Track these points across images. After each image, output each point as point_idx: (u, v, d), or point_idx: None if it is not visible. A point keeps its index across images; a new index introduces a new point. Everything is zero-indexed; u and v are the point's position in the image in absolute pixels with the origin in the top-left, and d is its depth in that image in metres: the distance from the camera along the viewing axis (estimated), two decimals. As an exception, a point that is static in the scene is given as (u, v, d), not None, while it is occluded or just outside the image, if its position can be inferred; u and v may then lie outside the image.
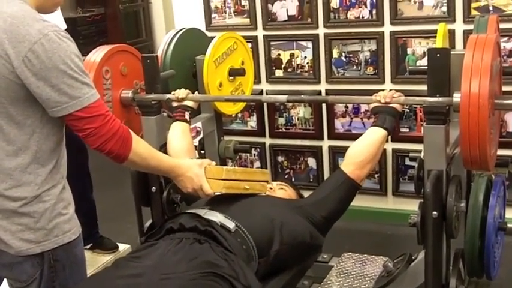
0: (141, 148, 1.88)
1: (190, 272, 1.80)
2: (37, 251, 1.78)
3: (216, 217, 2.08)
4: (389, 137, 3.46)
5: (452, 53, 2.14)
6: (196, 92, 2.87)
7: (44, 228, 1.78)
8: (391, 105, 2.34)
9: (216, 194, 2.18)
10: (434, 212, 2.08)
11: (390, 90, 2.39)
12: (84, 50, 2.90)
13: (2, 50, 1.65)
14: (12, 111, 1.71)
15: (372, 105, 2.39)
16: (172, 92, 2.69)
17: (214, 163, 2.23)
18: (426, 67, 2.15)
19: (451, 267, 2.29)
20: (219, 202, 2.20)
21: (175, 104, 2.68)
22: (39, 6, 1.80)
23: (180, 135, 2.58)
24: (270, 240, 2.11)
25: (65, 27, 3.08)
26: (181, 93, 2.67)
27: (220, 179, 2.16)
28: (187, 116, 2.65)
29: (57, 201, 1.80)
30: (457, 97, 2.01)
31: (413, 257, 2.41)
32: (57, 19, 2.99)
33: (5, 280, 1.97)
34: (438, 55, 2.11)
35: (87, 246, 3.26)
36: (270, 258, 2.11)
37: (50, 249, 1.80)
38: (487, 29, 2.33)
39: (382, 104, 2.34)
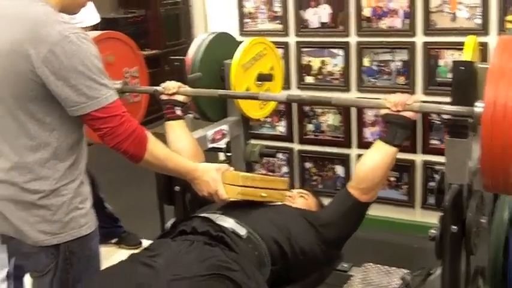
0: (158, 149, 1.90)
1: (201, 273, 1.81)
2: (53, 243, 1.84)
3: (228, 223, 2.08)
4: (419, 148, 3.49)
5: (480, 65, 2.10)
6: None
7: (61, 221, 1.83)
8: (403, 113, 2.10)
9: (231, 200, 2.16)
10: (454, 227, 2.05)
11: (404, 93, 2.17)
12: None
13: (23, 50, 1.70)
14: (33, 108, 1.76)
15: (382, 112, 2.16)
16: (161, 85, 2.53)
17: (232, 168, 2.22)
18: (452, 79, 2.08)
19: (469, 285, 2.25)
20: (233, 208, 2.18)
21: (164, 97, 2.50)
22: (63, 8, 1.85)
23: (179, 137, 2.46)
24: (282, 250, 2.10)
25: (99, 20, 3.12)
26: (171, 86, 2.49)
27: (237, 185, 2.15)
28: (178, 112, 2.48)
29: (74, 195, 1.85)
30: (479, 106, 1.82)
31: (431, 272, 2.38)
32: (88, 13, 3.04)
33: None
34: (462, 68, 2.07)
35: (113, 241, 3.33)
36: (282, 267, 2.10)
37: (65, 242, 1.85)
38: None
39: (394, 112, 2.11)
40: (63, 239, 1.84)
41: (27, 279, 2.41)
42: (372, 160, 2.19)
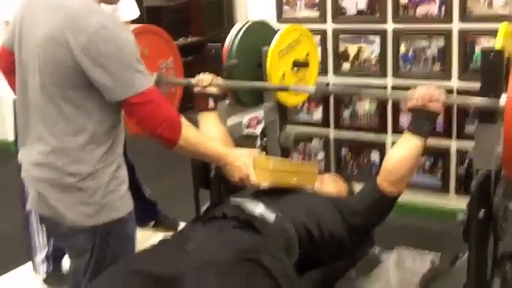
0: (191, 134, 1.96)
1: (230, 257, 1.85)
2: (90, 224, 1.91)
3: (258, 207, 2.12)
4: (454, 134, 3.49)
5: None
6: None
7: (98, 203, 1.90)
8: (430, 105, 2.12)
9: (262, 185, 2.21)
10: (481, 212, 2.08)
11: (431, 86, 2.19)
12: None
13: (64, 39, 1.78)
14: (72, 95, 1.84)
15: (409, 104, 2.18)
16: (196, 77, 2.58)
17: (264, 154, 2.28)
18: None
19: (496, 270, 2.27)
20: (263, 194, 2.23)
21: (198, 89, 2.56)
22: None
23: (211, 128, 2.48)
24: (310, 234, 2.13)
25: (138, 14, 3.22)
26: (205, 79, 2.54)
27: (268, 170, 2.20)
28: (211, 103, 2.53)
29: (111, 178, 1.92)
30: (504, 98, 1.91)
31: (460, 256, 2.41)
32: (129, 6, 3.13)
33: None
34: (492, 55, 2.09)
35: (150, 225, 3.43)
36: (311, 250, 2.14)
37: (102, 223, 1.92)
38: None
39: (420, 105, 2.13)
40: (100, 221, 1.91)
41: (66, 260, 2.51)
42: (400, 152, 2.20)
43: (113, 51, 1.78)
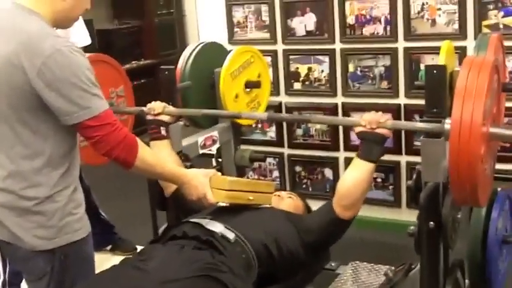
0: (148, 155, 1.99)
1: (190, 275, 1.87)
2: (49, 247, 1.91)
3: (217, 227, 2.14)
4: (404, 149, 3.59)
5: (456, 69, 2.16)
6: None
7: (56, 226, 1.91)
8: (377, 130, 2.19)
9: (219, 203, 2.24)
10: (431, 222, 2.14)
11: (377, 112, 2.27)
12: (120, 61, 3.07)
13: (18, 62, 1.79)
14: (28, 118, 1.85)
15: (357, 129, 2.26)
16: (148, 105, 2.61)
17: (219, 173, 2.32)
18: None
19: (447, 278, 2.34)
20: (221, 213, 2.26)
21: (149, 117, 2.58)
22: (56, 23, 1.94)
23: (163, 156, 2.43)
24: (269, 252, 2.16)
25: (89, 42, 3.24)
26: (156, 107, 2.56)
27: (224, 190, 2.22)
28: (163, 132, 2.55)
29: (68, 201, 1.93)
30: (447, 123, 1.86)
31: (413, 266, 2.48)
32: (81, 33, 3.16)
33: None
34: (435, 71, 2.14)
35: (108, 248, 3.42)
36: (270, 268, 2.17)
37: (60, 246, 1.92)
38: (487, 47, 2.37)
39: (368, 130, 2.20)
40: (58, 244, 1.92)
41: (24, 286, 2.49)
42: (352, 177, 2.27)
43: (67, 75, 1.80)
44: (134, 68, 6.85)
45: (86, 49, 3.09)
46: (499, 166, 3.01)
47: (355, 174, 2.26)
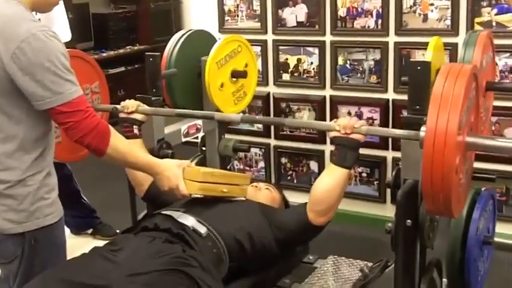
0: (120, 144, 1.98)
1: (158, 269, 1.87)
2: (19, 231, 1.91)
3: (189, 221, 2.13)
4: (390, 145, 3.57)
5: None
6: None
7: (27, 210, 1.90)
8: (352, 136, 2.16)
9: (192, 195, 2.22)
10: (408, 220, 2.13)
11: (352, 117, 2.28)
12: (115, 46, 3.05)
13: None
14: (1, 101, 1.84)
15: (331, 134, 2.22)
16: (122, 103, 2.60)
17: (193, 164, 2.28)
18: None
19: (423, 277, 2.33)
20: (194, 205, 2.24)
21: (122, 115, 2.58)
22: (35, 7, 1.93)
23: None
24: (241, 246, 2.16)
25: (69, 38, 3.23)
26: (130, 105, 2.56)
27: (197, 181, 2.19)
28: (135, 130, 2.55)
29: (40, 186, 1.92)
30: (422, 131, 1.74)
31: (389, 263, 2.47)
32: (63, 28, 3.15)
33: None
34: (419, 67, 2.13)
35: (89, 232, 3.43)
36: (241, 262, 2.17)
37: (31, 230, 1.92)
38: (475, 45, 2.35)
39: (343, 135, 2.17)
40: (29, 228, 1.92)
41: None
42: (325, 183, 2.25)
43: (41, 59, 1.78)
44: (128, 53, 6.83)
45: (81, 37, 3.09)
46: (485, 166, 3.03)
47: (329, 180, 2.25)
